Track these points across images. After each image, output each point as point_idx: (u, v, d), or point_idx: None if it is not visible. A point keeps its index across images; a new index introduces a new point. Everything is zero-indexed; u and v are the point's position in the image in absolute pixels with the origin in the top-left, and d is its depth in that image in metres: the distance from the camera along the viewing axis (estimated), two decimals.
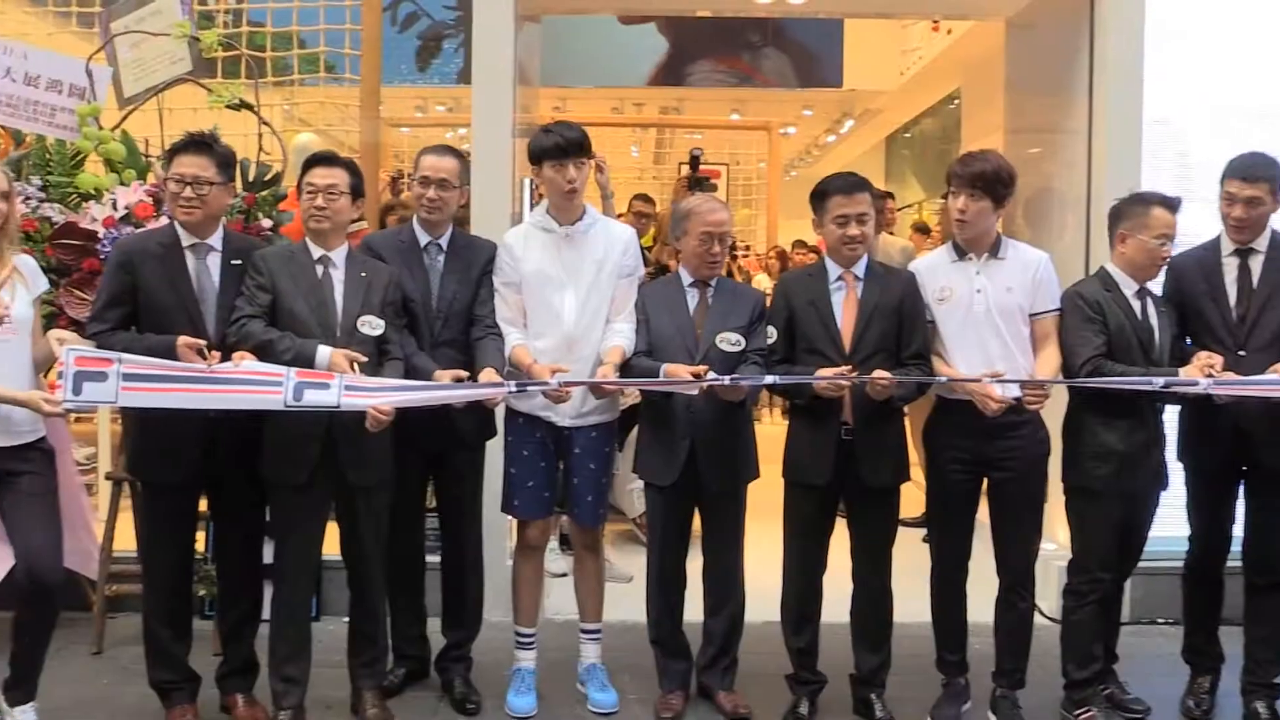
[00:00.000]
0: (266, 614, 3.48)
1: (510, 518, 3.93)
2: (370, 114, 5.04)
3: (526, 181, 4.67)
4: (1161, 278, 3.53)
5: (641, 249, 3.84)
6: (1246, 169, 3.41)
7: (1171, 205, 3.41)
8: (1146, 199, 3.46)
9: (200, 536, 3.60)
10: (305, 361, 3.13)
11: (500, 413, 3.63)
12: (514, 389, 3.29)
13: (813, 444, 3.43)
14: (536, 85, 5.54)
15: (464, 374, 3.35)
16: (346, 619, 3.54)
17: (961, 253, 3.47)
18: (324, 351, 3.16)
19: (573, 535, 3.81)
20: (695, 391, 3.32)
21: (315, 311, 3.25)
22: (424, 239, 3.55)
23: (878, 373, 3.24)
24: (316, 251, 3.32)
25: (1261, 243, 3.46)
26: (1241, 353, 3.38)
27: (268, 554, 3.50)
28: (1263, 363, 3.29)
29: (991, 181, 3.36)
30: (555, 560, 4.89)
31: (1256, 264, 3.45)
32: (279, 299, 3.24)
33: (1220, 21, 4.63)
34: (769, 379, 3.30)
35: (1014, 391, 3.28)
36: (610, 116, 11.20)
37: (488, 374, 3.34)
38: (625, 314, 3.55)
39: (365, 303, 3.30)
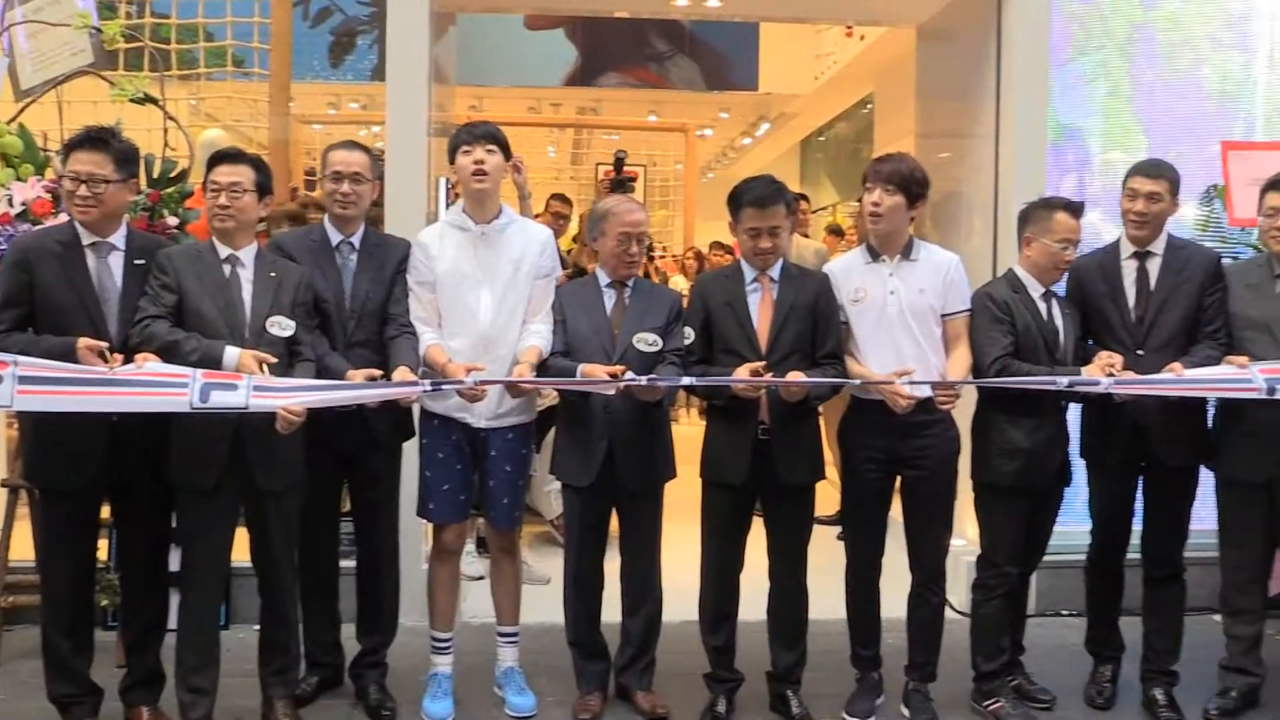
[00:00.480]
0: (173, 623, 3.39)
1: (425, 521, 3.90)
2: (280, 110, 4.95)
3: (442, 181, 4.63)
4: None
5: (559, 250, 3.85)
6: (1150, 166, 3.58)
7: (1075, 210, 3.53)
8: (1051, 204, 3.57)
9: (102, 544, 3.50)
10: (212, 363, 3.07)
11: (415, 414, 3.60)
12: (429, 388, 3.27)
13: (729, 444, 3.48)
14: (453, 84, 5.51)
15: (378, 373, 3.31)
16: (257, 627, 3.48)
17: (875, 254, 3.54)
18: (231, 353, 3.11)
19: (489, 538, 3.79)
20: (612, 392, 3.34)
21: (223, 312, 3.19)
22: (335, 237, 3.51)
23: (792, 374, 3.29)
24: (224, 251, 3.26)
25: (1159, 245, 3.60)
26: (1140, 352, 3.51)
27: (174, 561, 3.42)
28: (1160, 362, 3.43)
29: (906, 180, 3.45)
30: (472, 563, 4.87)
31: (1154, 266, 3.59)
32: (185, 299, 3.17)
33: (1126, 35, 4.82)
34: (686, 380, 3.34)
35: (926, 391, 3.36)
36: (527, 116, 11.17)
37: (401, 373, 3.31)
38: (542, 315, 3.55)
39: (275, 303, 3.25)
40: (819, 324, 3.47)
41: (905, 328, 3.46)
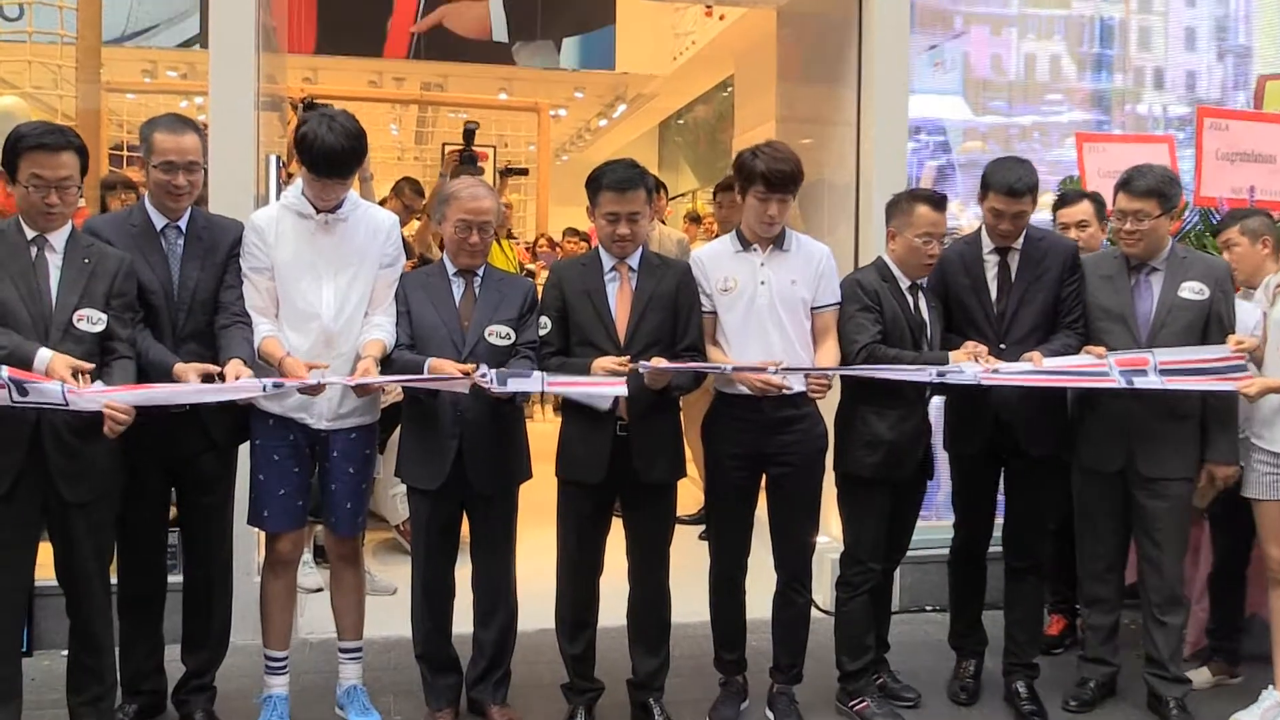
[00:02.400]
0: None
1: (257, 530, 3.76)
2: (88, 77, 4.69)
3: (273, 159, 4.47)
4: None
5: (403, 239, 3.76)
6: (1011, 184, 3.59)
7: (936, 203, 3.64)
8: (914, 196, 3.68)
9: None
10: (22, 365, 2.91)
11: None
12: (269, 389, 3.15)
13: (587, 441, 3.46)
14: (284, 52, 5.32)
15: (212, 369, 3.17)
16: (65, 652, 3.30)
17: (746, 243, 3.58)
18: (44, 355, 2.95)
19: (329, 546, 3.69)
20: (465, 390, 3.28)
21: (25, 301, 3.02)
22: (159, 221, 3.34)
23: (657, 360, 3.30)
24: (31, 232, 3.07)
25: (1018, 239, 3.73)
26: (1002, 345, 3.65)
27: None
28: (1021, 354, 3.57)
29: (797, 181, 3.50)
30: (309, 574, 4.72)
31: (1014, 260, 3.73)
32: None
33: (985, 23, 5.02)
34: (537, 379, 3.28)
35: (798, 384, 3.42)
36: (368, 90, 10.91)
37: (234, 365, 3.18)
38: (384, 307, 3.47)
39: (86, 293, 3.08)
40: (679, 315, 3.50)
41: (775, 319, 3.51)
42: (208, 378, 3.15)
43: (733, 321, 3.53)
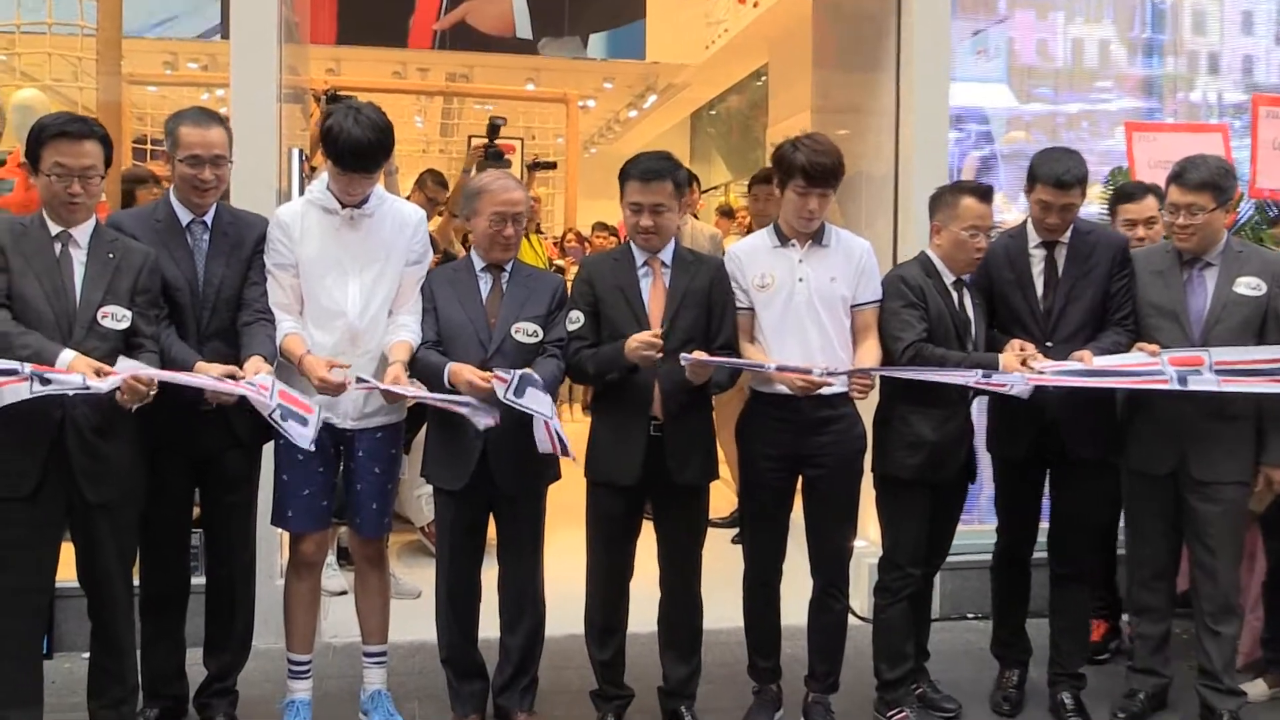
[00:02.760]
0: None
1: (281, 531, 3.79)
2: (109, 69, 4.72)
3: (295, 152, 4.50)
4: None
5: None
6: (1059, 176, 3.56)
7: (983, 195, 3.60)
8: (959, 188, 3.65)
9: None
10: (44, 364, 2.95)
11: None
12: (274, 409, 3.13)
13: (620, 441, 3.46)
14: (306, 43, 5.35)
15: (235, 370, 3.19)
16: (86, 654, 3.33)
17: (784, 238, 3.56)
18: (65, 356, 2.98)
19: (353, 548, 3.71)
20: (489, 419, 3.29)
21: (50, 298, 3.05)
22: (185, 216, 3.37)
23: (699, 353, 3.29)
24: (55, 227, 3.11)
25: (1065, 233, 3.70)
26: (1049, 343, 3.62)
27: None
28: (1069, 353, 3.53)
29: (839, 175, 3.47)
30: (333, 577, 4.76)
31: (1061, 254, 3.70)
32: (9, 280, 3.02)
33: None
34: (547, 403, 3.26)
35: (839, 384, 3.40)
36: (392, 82, 10.95)
37: (254, 363, 3.21)
38: (410, 305, 3.49)
39: (111, 290, 3.11)
40: (714, 312, 3.49)
41: (814, 317, 3.50)
42: (229, 379, 3.16)
43: (770, 319, 3.52)
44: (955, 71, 4.83)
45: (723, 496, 3.85)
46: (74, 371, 2.94)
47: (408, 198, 5.39)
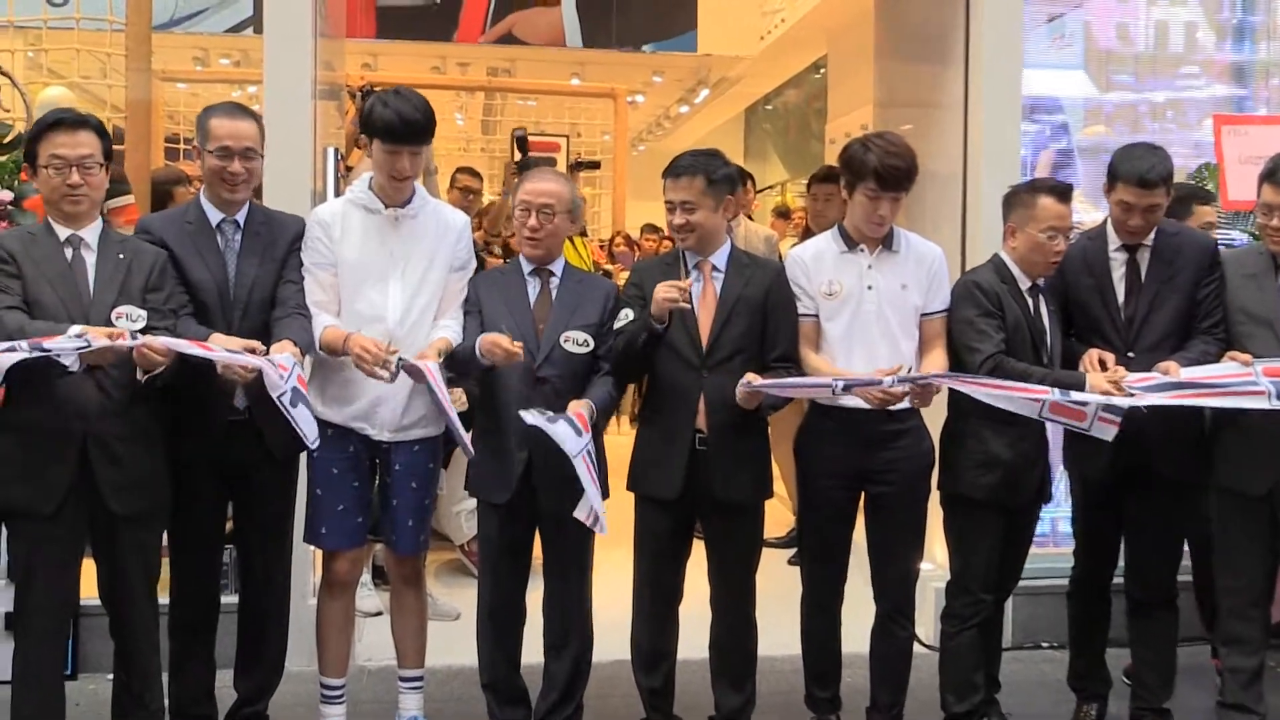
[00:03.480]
0: (6, 674, 3.27)
1: (314, 548, 3.82)
2: (139, 65, 4.80)
3: (331, 151, 4.55)
4: None
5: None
6: (1144, 174, 3.51)
7: (1061, 194, 3.55)
8: (1036, 186, 3.60)
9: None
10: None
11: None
12: (286, 393, 3.10)
13: (662, 452, 3.45)
14: (342, 37, 5.41)
15: (257, 344, 3.19)
16: (110, 676, 3.38)
17: (851, 243, 3.54)
18: (74, 329, 2.99)
19: (389, 567, 3.73)
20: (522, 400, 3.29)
21: (65, 303, 3.11)
22: (215, 216, 3.41)
23: (752, 376, 3.28)
24: (63, 232, 3.17)
25: (1149, 236, 3.65)
26: (1130, 354, 3.57)
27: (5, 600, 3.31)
28: (1151, 364, 3.48)
29: (912, 178, 3.45)
30: (367, 597, 4.78)
31: (1144, 259, 3.65)
32: (24, 286, 3.09)
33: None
34: (577, 445, 3.25)
35: (905, 401, 3.36)
36: (430, 77, 11.05)
37: (283, 344, 3.21)
38: (451, 311, 3.52)
39: (124, 290, 3.17)
40: (769, 321, 3.47)
41: (884, 328, 3.47)
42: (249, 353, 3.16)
43: (836, 330, 3.49)
44: (1028, 59, 4.78)
45: (780, 515, 3.83)
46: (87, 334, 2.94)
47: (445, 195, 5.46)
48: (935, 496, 3.66)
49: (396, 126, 3.35)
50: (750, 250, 4.19)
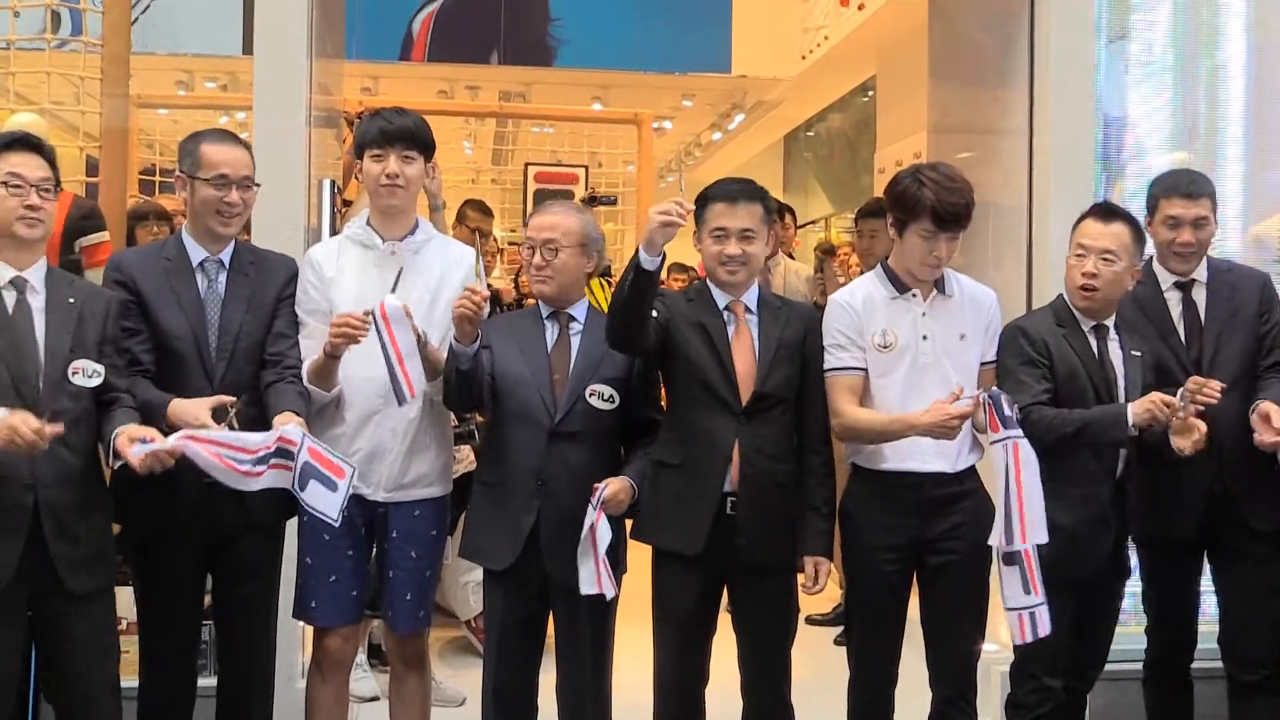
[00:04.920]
0: None
1: (304, 625, 3.83)
2: (116, 90, 4.88)
3: (327, 184, 4.61)
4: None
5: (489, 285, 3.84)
6: (1187, 184, 3.68)
7: (1103, 214, 3.59)
8: (1087, 210, 3.65)
9: None
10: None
11: None
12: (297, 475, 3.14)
13: (686, 505, 3.43)
14: (340, 59, 5.49)
15: (229, 399, 3.22)
16: None
17: (901, 286, 3.52)
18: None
19: (388, 646, 3.74)
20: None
21: (6, 354, 3.07)
22: (198, 255, 3.45)
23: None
24: (5, 272, 3.17)
25: (1201, 272, 3.75)
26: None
27: None
28: (1231, 408, 3.50)
29: (969, 215, 3.44)
30: (363, 679, 4.78)
31: (1200, 296, 3.74)
32: None
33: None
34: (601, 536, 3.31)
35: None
36: (437, 102, 11.16)
37: (285, 416, 3.24)
38: None
39: (78, 341, 3.17)
40: (807, 370, 3.49)
41: (942, 382, 3.41)
42: (221, 410, 3.18)
43: (892, 388, 3.45)
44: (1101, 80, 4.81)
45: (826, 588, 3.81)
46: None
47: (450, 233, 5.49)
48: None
49: (383, 127, 3.45)
50: (792, 292, 4.22)
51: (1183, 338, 3.70)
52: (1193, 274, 3.76)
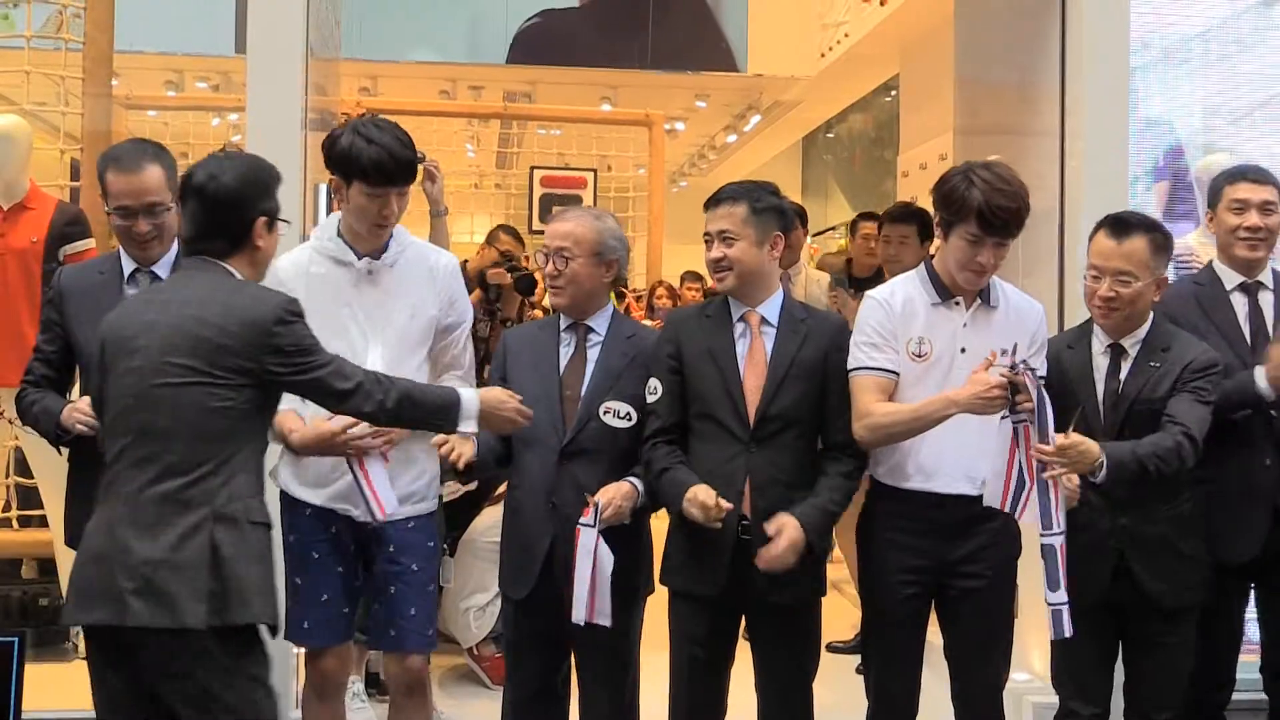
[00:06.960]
0: None
1: (296, 647, 3.82)
2: (99, 90, 4.91)
3: (323, 188, 4.61)
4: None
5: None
6: (1254, 171, 3.78)
7: (1116, 228, 3.48)
8: (1104, 224, 3.56)
9: None
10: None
11: (275, 501, 3.48)
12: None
13: (701, 542, 3.38)
14: (338, 58, 5.51)
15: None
16: None
17: (946, 293, 3.44)
18: None
19: (388, 674, 3.73)
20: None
21: None
22: (129, 266, 3.48)
23: (784, 530, 3.26)
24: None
25: (1267, 276, 3.76)
26: (1275, 412, 3.58)
27: None
28: None
29: (1022, 221, 3.37)
30: (360, 709, 4.77)
31: (1267, 302, 3.73)
32: None
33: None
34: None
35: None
36: (439, 103, 11.19)
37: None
38: (462, 373, 3.57)
39: None
40: (829, 391, 3.42)
41: None
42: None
43: (920, 398, 3.36)
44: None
45: (845, 612, 3.80)
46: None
47: (479, 254, 5.51)
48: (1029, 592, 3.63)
49: (388, 165, 3.33)
50: (813, 303, 4.19)
51: (1249, 341, 3.70)
52: (1258, 274, 3.74)
